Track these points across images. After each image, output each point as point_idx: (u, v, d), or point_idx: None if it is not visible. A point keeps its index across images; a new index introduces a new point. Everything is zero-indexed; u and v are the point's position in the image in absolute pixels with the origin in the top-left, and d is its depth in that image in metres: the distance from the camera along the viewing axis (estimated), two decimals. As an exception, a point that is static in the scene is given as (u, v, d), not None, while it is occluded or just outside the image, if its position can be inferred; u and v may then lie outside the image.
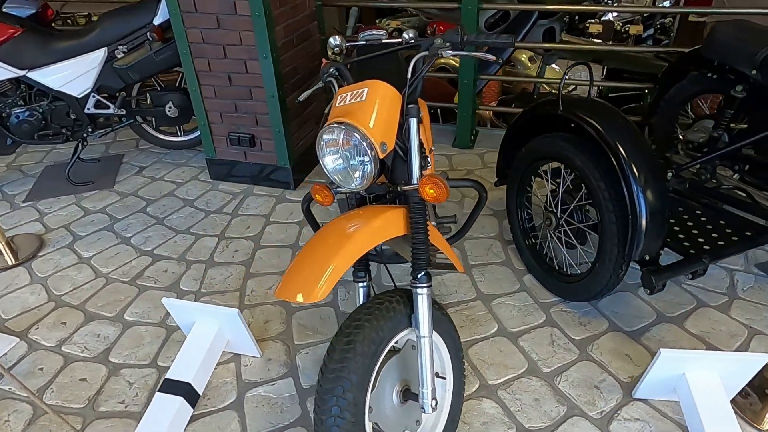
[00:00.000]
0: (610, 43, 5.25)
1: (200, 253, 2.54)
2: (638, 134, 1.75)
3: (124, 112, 3.07)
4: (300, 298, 1.17)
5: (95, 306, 2.24)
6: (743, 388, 1.66)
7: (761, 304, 2.10)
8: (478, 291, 2.23)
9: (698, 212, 2.16)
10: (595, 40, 5.17)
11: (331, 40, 2.27)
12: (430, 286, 1.35)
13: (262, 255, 2.51)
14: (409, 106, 1.32)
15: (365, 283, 1.50)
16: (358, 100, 1.30)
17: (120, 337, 2.08)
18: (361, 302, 1.51)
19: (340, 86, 1.47)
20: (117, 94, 3.04)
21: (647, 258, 1.75)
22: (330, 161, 1.34)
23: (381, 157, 1.27)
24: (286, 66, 2.76)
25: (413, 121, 1.32)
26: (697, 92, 2.59)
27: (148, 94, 3.12)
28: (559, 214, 2.07)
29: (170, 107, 3.13)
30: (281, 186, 3.04)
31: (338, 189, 1.48)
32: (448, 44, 1.27)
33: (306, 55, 2.98)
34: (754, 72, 2.12)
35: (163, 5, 2.83)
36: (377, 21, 6.93)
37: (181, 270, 2.43)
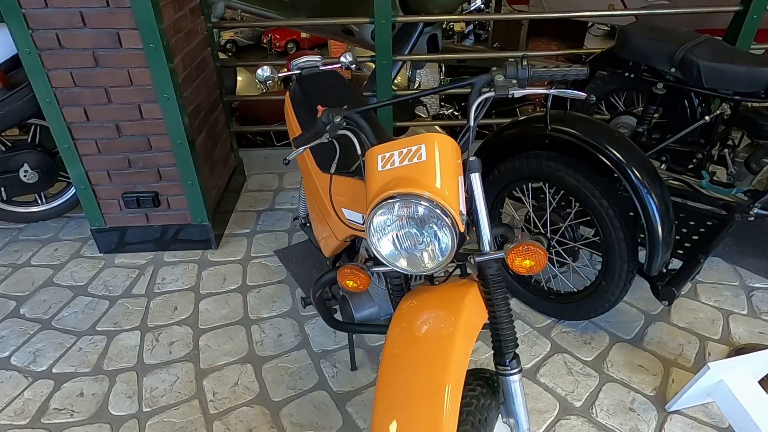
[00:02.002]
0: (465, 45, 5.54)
1: (123, 358, 1.96)
2: (631, 143, 1.72)
3: (-42, 187, 2.27)
4: None
5: (-12, 475, 1.58)
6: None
7: (718, 284, 2.26)
8: (474, 329, 2.05)
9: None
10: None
11: (259, 72, 1.90)
12: (522, 369, 1.12)
13: (209, 342, 2.02)
14: (471, 159, 1.06)
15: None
16: (416, 160, 1.01)
17: None
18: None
19: (359, 140, 1.15)
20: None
21: (664, 270, 1.73)
22: (388, 245, 1.03)
23: (462, 230, 1.00)
24: (190, 104, 2.27)
25: (476, 177, 1.07)
26: (612, 91, 2.73)
27: (-11, 158, 2.35)
28: (549, 235, 1.97)
29: (26, 171, 2.41)
30: (199, 246, 2.52)
31: (374, 269, 1.17)
32: (514, 81, 1.04)
33: (206, 88, 2.50)
34: (673, 70, 2.26)
35: (-3, 41, 2.13)
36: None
37: (103, 388, 1.84)
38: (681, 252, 1.92)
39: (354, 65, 2.04)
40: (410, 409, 0.91)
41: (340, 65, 2.02)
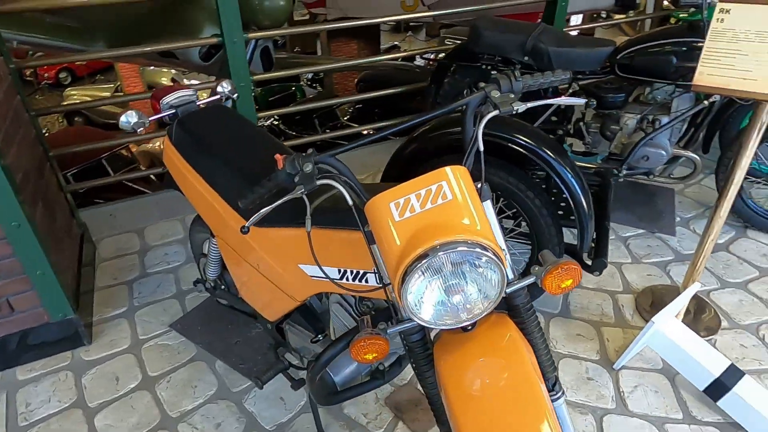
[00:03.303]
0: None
1: None
2: (536, 130, 1.81)
3: None
4: None
5: None
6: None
7: (600, 241, 2.55)
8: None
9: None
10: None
11: (123, 119, 1.55)
12: (564, 391, 1.07)
13: (129, 466, 1.58)
14: (484, 185, 0.96)
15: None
16: (441, 200, 0.87)
17: None
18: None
19: (345, 187, 0.96)
20: None
21: (592, 245, 1.85)
22: (431, 308, 0.87)
23: (506, 268, 0.90)
24: (17, 172, 1.73)
25: (489, 204, 0.97)
26: (471, 83, 2.87)
27: None
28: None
29: None
30: (65, 347, 1.96)
31: (391, 330, 1.00)
32: (512, 95, 0.96)
33: (27, 146, 1.94)
34: (526, 58, 2.47)
35: None
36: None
37: None
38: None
39: (236, 95, 1.77)
40: None
41: (219, 96, 1.73)
